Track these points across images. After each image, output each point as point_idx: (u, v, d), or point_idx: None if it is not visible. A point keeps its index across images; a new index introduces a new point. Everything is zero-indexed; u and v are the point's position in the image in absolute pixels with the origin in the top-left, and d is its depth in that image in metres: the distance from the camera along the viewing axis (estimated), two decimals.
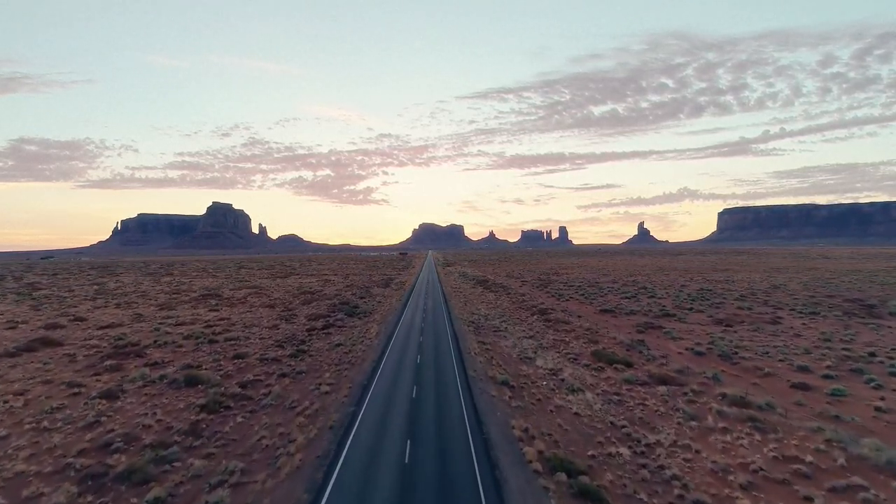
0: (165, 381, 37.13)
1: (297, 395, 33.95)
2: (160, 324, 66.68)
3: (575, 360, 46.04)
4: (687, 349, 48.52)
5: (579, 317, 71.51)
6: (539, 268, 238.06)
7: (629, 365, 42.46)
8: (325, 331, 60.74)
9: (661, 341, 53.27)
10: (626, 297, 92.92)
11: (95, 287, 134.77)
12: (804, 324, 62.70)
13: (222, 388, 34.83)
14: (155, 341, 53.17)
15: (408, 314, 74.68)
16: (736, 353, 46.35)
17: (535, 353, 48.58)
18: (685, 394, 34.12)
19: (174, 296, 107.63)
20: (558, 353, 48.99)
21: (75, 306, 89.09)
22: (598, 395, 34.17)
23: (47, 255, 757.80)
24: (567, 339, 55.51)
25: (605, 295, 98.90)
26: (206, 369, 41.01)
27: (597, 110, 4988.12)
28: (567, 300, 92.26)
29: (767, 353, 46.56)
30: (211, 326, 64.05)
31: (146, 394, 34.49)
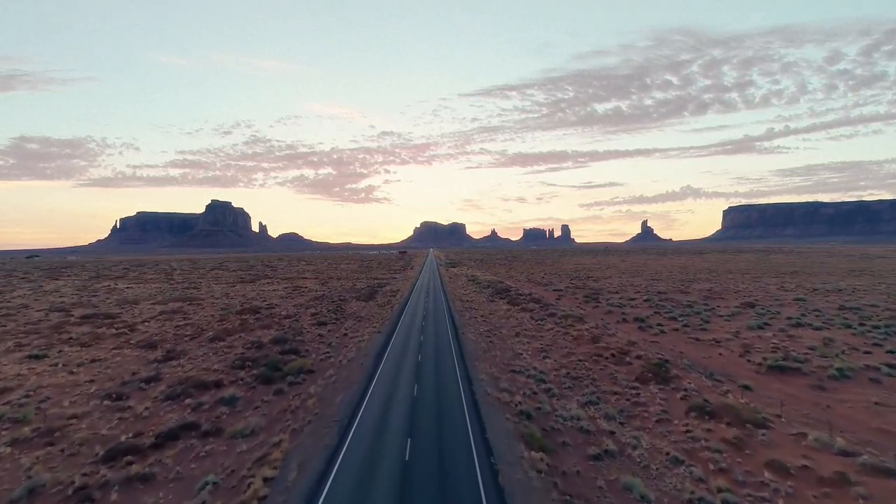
0: None
1: None
2: None
3: None
4: None
5: (780, 404, 36.23)
6: (559, 269, 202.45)
7: None
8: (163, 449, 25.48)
9: None
10: (760, 328, 57.32)
11: None
12: None
13: None
14: None
15: (385, 373, 37.86)
16: None
17: None
18: None
19: (35, 325, 72.55)
20: None
21: None
22: None
23: (33, 255, 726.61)
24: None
25: (717, 320, 63.47)
26: None
27: (600, 108, 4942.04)
28: (658, 332, 56.55)
29: None
30: None
31: None
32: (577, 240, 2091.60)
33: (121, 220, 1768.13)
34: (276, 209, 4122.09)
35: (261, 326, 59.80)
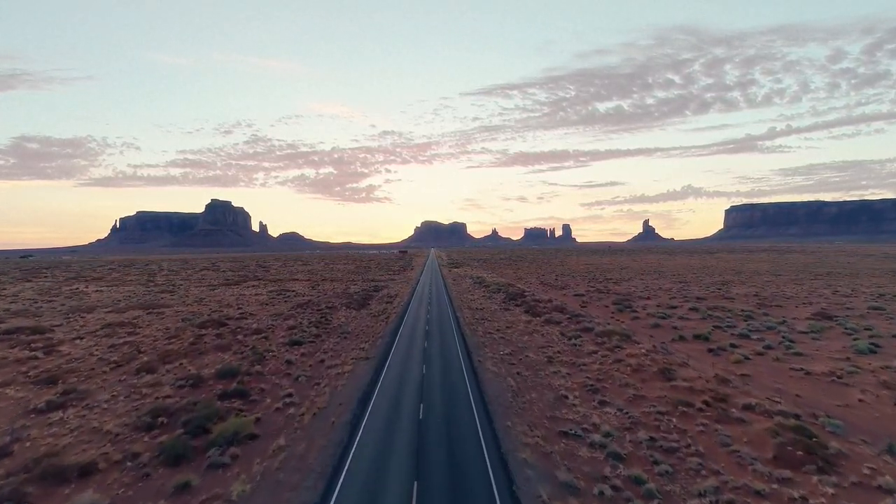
0: None
1: None
2: None
3: None
4: None
5: None
6: (568, 269, 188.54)
7: None
8: None
9: None
10: (872, 352, 43.62)
11: None
12: None
13: None
14: None
15: (366, 447, 22.92)
16: None
17: None
18: None
19: None
20: None
21: None
22: None
23: (27, 255, 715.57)
24: None
25: (802, 338, 49.73)
26: None
27: (602, 107, 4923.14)
28: (740, 358, 42.66)
29: None
30: None
31: None
32: (579, 239, 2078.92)
33: (120, 219, 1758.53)
34: (276, 209, 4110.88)
35: (216, 347, 46.28)
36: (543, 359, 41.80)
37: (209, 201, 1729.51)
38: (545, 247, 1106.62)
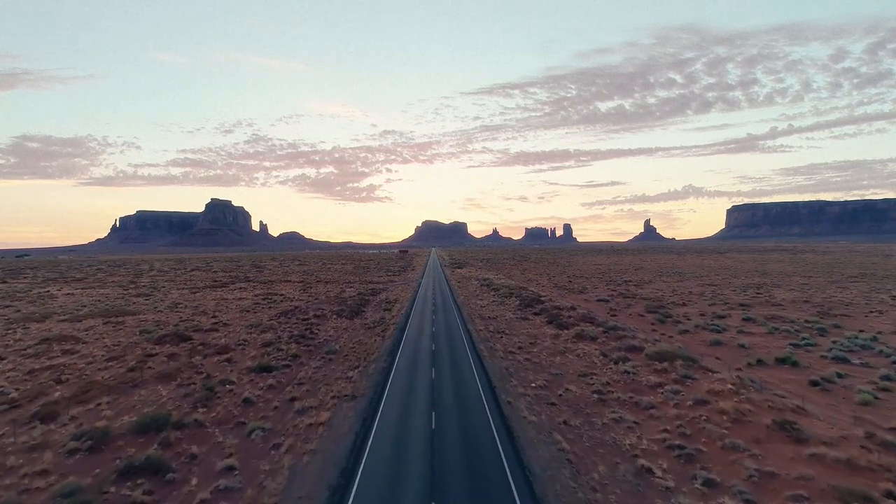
0: None
1: None
2: None
3: None
4: None
5: None
6: (578, 270, 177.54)
7: None
8: None
9: None
10: None
11: None
12: None
13: None
14: None
15: None
16: None
17: None
18: None
19: None
20: None
21: None
22: None
23: (23, 254, 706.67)
24: None
25: None
26: None
27: (603, 106, 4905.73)
28: (867, 396, 31.43)
29: None
30: None
31: None
32: (580, 239, 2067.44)
33: (120, 218, 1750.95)
34: (277, 208, 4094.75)
35: (159, 376, 35.40)
36: (591, 395, 30.99)
37: (209, 201, 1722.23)
38: (546, 246, 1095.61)
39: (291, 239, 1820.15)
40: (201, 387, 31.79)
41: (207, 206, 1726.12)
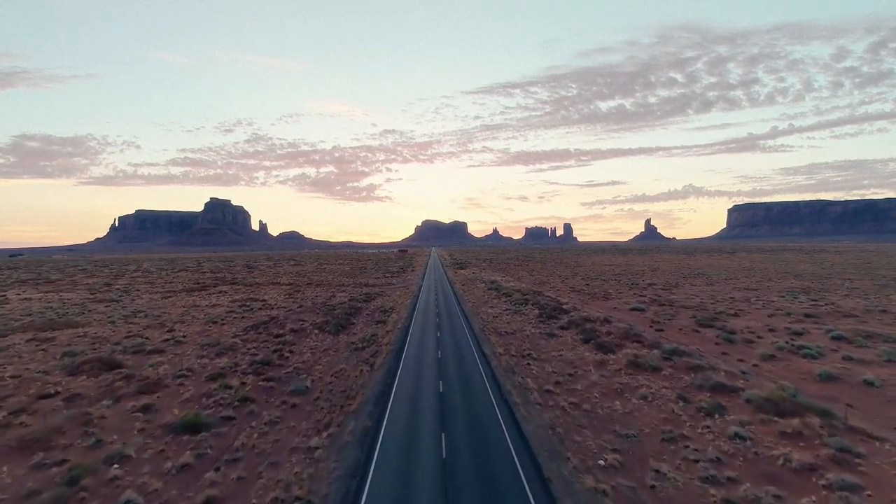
0: None
1: None
2: None
3: None
4: None
5: None
6: (589, 271, 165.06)
7: None
8: None
9: None
10: None
11: None
12: None
13: None
14: None
15: None
16: None
17: None
18: None
19: None
20: None
21: None
22: None
23: (16, 254, 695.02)
24: None
25: None
26: None
27: (604, 105, 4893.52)
28: None
29: None
30: None
31: None
32: (580, 238, 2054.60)
33: (119, 218, 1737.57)
34: (277, 207, 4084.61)
35: (21, 443, 23.22)
36: (704, 487, 18.81)
37: (208, 200, 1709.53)
38: (547, 246, 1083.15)
39: (291, 238, 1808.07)
40: (66, 472, 19.57)
41: (207, 205, 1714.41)
